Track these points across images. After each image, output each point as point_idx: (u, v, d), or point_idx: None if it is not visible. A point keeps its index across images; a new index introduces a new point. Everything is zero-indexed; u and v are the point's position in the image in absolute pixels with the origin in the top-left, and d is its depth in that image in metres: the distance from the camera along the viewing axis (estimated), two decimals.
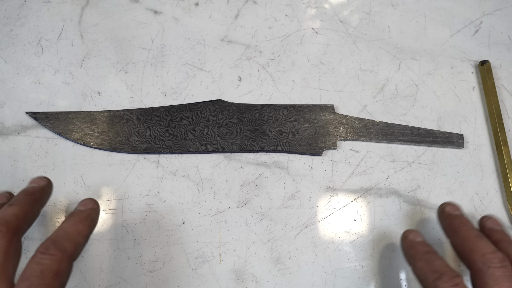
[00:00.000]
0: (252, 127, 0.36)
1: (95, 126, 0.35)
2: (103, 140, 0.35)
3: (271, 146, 0.35)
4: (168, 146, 0.35)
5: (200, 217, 0.34)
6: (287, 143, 0.35)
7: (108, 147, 0.35)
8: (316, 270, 0.33)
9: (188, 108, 0.36)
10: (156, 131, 0.35)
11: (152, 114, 0.36)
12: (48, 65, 0.38)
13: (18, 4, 0.40)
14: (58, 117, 0.35)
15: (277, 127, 0.36)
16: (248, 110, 0.36)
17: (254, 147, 0.35)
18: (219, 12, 0.41)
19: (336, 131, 0.36)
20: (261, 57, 0.39)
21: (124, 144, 0.35)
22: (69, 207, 0.33)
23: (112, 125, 0.35)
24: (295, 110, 0.36)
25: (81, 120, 0.35)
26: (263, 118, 0.36)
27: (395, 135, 0.36)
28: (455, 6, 0.42)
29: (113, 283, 0.32)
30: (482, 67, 0.39)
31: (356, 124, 0.36)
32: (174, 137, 0.35)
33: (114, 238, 0.33)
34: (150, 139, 0.35)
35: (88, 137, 0.35)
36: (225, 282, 0.32)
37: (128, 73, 0.38)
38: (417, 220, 0.34)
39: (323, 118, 0.36)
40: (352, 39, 0.40)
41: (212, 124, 0.36)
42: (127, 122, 0.36)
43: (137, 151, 0.35)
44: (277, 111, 0.36)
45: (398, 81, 0.39)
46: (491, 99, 0.37)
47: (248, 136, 0.35)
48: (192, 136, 0.35)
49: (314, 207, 0.34)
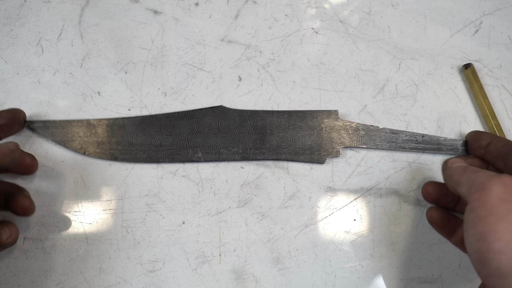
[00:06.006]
0: (255, 135, 0.35)
1: (94, 135, 0.35)
2: (103, 150, 0.35)
3: (274, 155, 0.35)
4: (169, 156, 0.35)
5: (200, 217, 0.34)
6: (290, 151, 0.35)
7: (109, 157, 0.35)
8: (316, 270, 0.33)
9: (189, 115, 0.36)
10: (157, 140, 0.35)
11: (152, 122, 0.35)
12: (48, 65, 0.38)
13: (18, 4, 0.40)
14: (57, 125, 0.35)
15: (280, 135, 0.35)
16: (250, 117, 0.36)
17: (257, 156, 0.35)
18: (219, 12, 0.41)
19: (340, 138, 0.35)
20: (261, 57, 0.39)
21: (125, 154, 0.35)
22: (69, 207, 0.33)
23: (112, 134, 0.35)
24: (298, 116, 0.36)
25: (80, 129, 0.35)
26: (265, 125, 0.36)
27: (399, 143, 0.35)
28: (455, 6, 0.42)
29: (113, 283, 0.32)
30: (466, 70, 0.38)
31: (360, 131, 0.35)
32: (176, 146, 0.35)
33: (114, 238, 0.33)
34: (151, 148, 0.35)
35: (88, 147, 0.35)
36: (225, 282, 0.32)
37: (128, 73, 0.38)
38: (417, 220, 0.34)
39: (327, 124, 0.36)
40: (352, 39, 0.40)
41: (213, 132, 0.35)
42: (127, 131, 0.35)
43: (139, 161, 0.35)
44: (279, 117, 0.36)
45: (398, 81, 0.39)
46: (482, 101, 0.37)
47: (251, 144, 0.35)
48: (194, 145, 0.35)
49: (314, 207, 0.34)
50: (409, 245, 0.33)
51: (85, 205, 0.34)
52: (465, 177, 0.25)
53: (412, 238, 0.34)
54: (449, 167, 0.28)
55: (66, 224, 0.33)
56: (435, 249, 0.33)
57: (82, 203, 0.34)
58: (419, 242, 0.34)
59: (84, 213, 0.33)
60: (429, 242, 0.34)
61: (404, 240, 0.34)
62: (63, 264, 0.32)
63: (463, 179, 0.25)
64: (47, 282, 0.31)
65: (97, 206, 0.34)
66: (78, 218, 0.33)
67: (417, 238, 0.34)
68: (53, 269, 0.32)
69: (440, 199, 0.32)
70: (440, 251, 0.33)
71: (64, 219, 0.33)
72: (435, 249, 0.33)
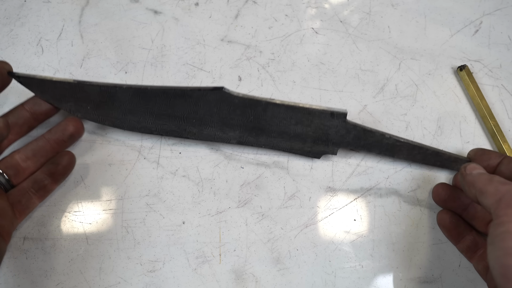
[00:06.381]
0: (254, 123, 0.33)
1: (87, 99, 0.33)
2: (96, 114, 0.33)
3: (270, 144, 0.34)
4: (163, 129, 0.34)
5: (200, 217, 0.34)
6: (287, 144, 0.34)
7: (102, 121, 0.33)
8: (316, 270, 0.33)
9: (186, 94, 0.32)
10: (152, 114, 0.33)
11: (146, 95, 0.32)
12: (48, 65, 0.38)
13: (18, 4, 0.40)
14: (46, 84, 0.32)
15: (280, 128, 0.33)
16: (252, 105, 0.32)
17: (253, 143, 0.34)
18: (219, 12, 0.41)
19: (341, 140, 0.33)
20: (261, 57, 0.39)
21: (119, 121, 0.33)
22: (69, 207, 0.33)
23: (105, 100, 0.33)
24: (303, 112, 0.32)
25: (71, 90, 0.32)
26: (267, 116, 0.33)
27: (402, 153, 0.34)
28: (455, 6, 0.42)
29: (113, 283, 0.32)
30: (461, 72, 0.38)
31: (366, 135, 0.33)
32: (171, 123, 0.34)
33: (114, 238, 0.33)
34: (145, 119, 0.34)
35: (79, 109, 0.33)
36: (225, 282, 0.32)
37: (128, 73, 0.38)
38: (417, 220, 0.34)
39: (332, 124, 0.33)
40: (352, 39, 0.40)
41: (210, 114, 0.33)
42: (121, 101, 0.33)
43: (132, 129, 0.34)
44: (283, 110, 0.32)
45: (398, 81, 0.39)
46: (480, 102, 0.37)
47: (248, 132, 0.34)
48: (190, 123, 0.34)
49: (314, 207, 0.34)
50: (409, 245, 0.33)
51: (85, 205, 0.34)
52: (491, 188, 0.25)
53: (412, 238, 0.34)
54: (469, 173, 0.28)
55: (66, 224, 0.33)
56: (435, 249, 0.33)
57: (82, 203, 0.34)
58: (419, 242, 0.34)
59: (84, 213, 0.33)
60: (429, 242, 0.34)
61: (404, 240, 0.34)
62: (63, 264, 0.32)
63: (489, 190, 0.25)
64: (47, 282, 0.31)
65: (97, 206, 0.34)
66: (78, 218, 0.33)
67: (417, 238, 0.34)
68: (53, 269, 0.32)
69: (448, 202, 0.33)
70: (440, 251, 0.33)
71: (64, 219, 0.33)
72: (435, 249, 0.33)
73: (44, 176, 0.32)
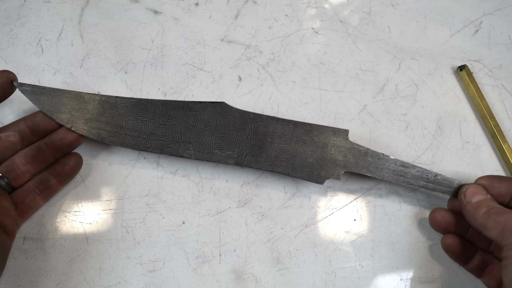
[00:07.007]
0: (253, 140, 0.33)
1: (84, 110, 0.32)
2: (91, 128, 0.32)
3: (270, 166, 0.33)
4: (159, 147, 0.33)
5: (200, 217, 0.34)
6: (288, 165, 0.32)
7: (96, 137, 0.32)
8: (316, 270, 0.33)
9: (187, 107, 0.33)
10: (148, 128, 0.33)
11: (146, 107, 0.33)
12: (48, 65, 0.38)
13: (18, 4, 0.40)
14: (46, 93, 0.32)
15: (280, 145, 0.33)
16: (252, 121, 0.33)
17: (252, 164, 0.33)
18: (219, 12, 0.41)
19: (344, 161, 0.32)
20: (261, 57, 0.39)
21: (112, 136, 0.33)
22: (69, 207, 0.33)
23: (103, 112, 0.33)
24: (304, 128, 0.33)
25: (69, 101, 0.32)
26: (267, 132, 0.33)
27: (407, 178, 0.32)
28: (455, 6, 0.42)
29: (113, 283, 0.32)
30: (461, 72, 0.38)
31: (369, 157, 0.32)
32: (167, 138, 0.33)
33: (114, 238, 0.33)
34: (141, 135, 0.33)
35: (76, 122, 0.32)
36: (225, 282, 0.32)
37: (128, 73, 0.38)
38: (417, 220, 0.34)
39: (333, 143, 0.32)
40: (352, 39, 0.40)
41: (210, 130, 0.33)
42: (119, 112, 0.33)
43: (126, 146, 0.33)
44: (283, 126, 0.33)
45: (398, 81, 0.39)
46: (480, 102, 0.37)
47: (247, 150, 0.33)
48: (187, 139, 0.33)
49: (314, 207, 0.34)
50: (409, 245, 0.33)
51: (85, 205, 0.34)
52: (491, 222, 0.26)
53: (412, 238, 0.34)
54: (468, 201, 0.28)
55: (66, 224, 0.33)
56: (435, 249, 0.33)
57: (82, 203, 0.34)
58: (419, 242, 0.34)
59: (84, 213, 0.33)
60: (429, 242, 0.34)
61: (404, 240, 0.34)
62: (63, 264, 0.32)
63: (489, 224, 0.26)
64: (47, 282, 0.31)
65: (97, 206, 0.34)
66: (78, 218, 0.33)
67: (417, 238, 0.34)
68: (53, 269, 0.32)
69: (449, 229, 0.31)
70: (440, 251, 0.33)
71: (64, 219, 0.33)
72: (435, 249, 0.33)
73: (50, 177, 0.32)
